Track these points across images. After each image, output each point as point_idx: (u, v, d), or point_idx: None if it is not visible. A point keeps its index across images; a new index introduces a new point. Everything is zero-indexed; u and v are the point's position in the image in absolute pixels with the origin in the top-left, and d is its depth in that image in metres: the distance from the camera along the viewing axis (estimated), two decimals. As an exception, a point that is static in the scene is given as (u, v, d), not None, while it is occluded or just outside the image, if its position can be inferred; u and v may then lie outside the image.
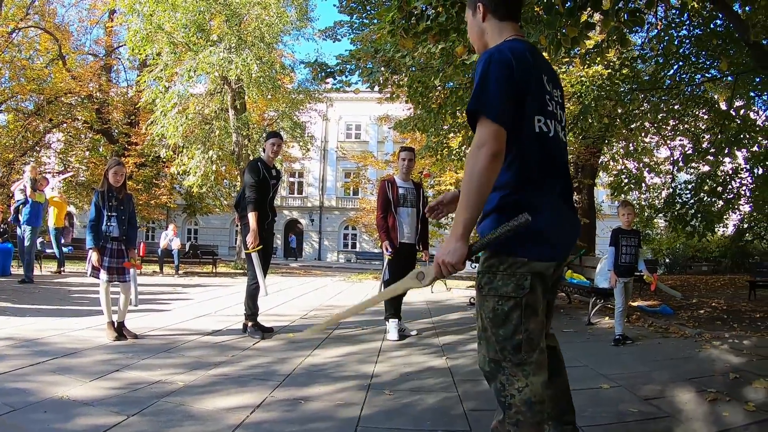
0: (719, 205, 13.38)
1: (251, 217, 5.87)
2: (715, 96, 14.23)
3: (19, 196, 10.45)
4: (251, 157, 17.25)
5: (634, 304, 9.36)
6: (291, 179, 45.36)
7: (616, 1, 6.19)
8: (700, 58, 11.31)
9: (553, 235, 2.13)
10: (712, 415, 3.47)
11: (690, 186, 13.83)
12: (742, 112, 13.07)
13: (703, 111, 13.85)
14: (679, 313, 8.75)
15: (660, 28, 10.53)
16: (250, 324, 6.08)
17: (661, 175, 18.30)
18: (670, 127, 14.81)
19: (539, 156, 2.12)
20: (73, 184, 26.18)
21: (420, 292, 12.22)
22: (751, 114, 13.69)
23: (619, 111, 12.15)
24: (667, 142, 15.78)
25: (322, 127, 41.96)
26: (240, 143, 19.63)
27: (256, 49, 18.29)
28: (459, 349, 5.67)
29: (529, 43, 2.24)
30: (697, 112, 13.99)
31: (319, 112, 28.69)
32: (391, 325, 6.15)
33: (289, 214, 44.95)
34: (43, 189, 11.11)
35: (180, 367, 4.37)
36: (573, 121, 11.56)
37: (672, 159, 15.64)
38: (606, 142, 15.04)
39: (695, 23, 10.75)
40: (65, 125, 26.16)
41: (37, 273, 12.39)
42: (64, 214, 14.02)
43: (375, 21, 11.70)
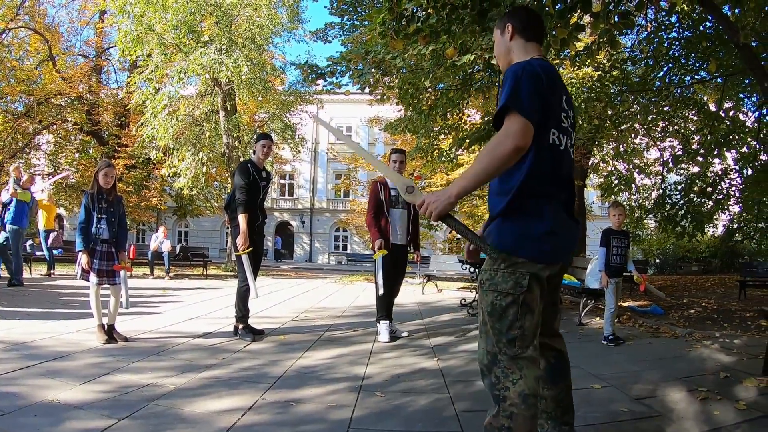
0: (709, 206, 13.45)
1: (241, 219, 5.85)
2: (705, 97, 14.31)
3: (5, 197, 10.34)
4: (242, 159, 17.19)
5: (625, 304, 9.40)
6: (282, 181, 45.27)
7: (607, 3, 6.22)
8: (690, 60, 11.39)
9: (554, 240, 2.30)
10: (703, 414, 3.50)
11: (680, 187, 13.91)
12: (731, 113, 13.16)
13: (693, 112, 13.93)
14: (669, 313, 8.79)
15: (650, 31, 10.60)
16: (241, 326, 6.06)
17: (651, 176, 18.37)
18: (659, 129, 14.89)
19: (549, 166, 2.30)
20: (63, 186, 26.04)
21: (412, 293, 12.24)
22: (740, 115, 13.78)
23: (609, 112, 12.20)
24: (657, 143, 15.86)
25: (313, 129, 41.90)
26: (230, 145, 19.56)
27: (247, 50, 18.23)
28: (450, 351, 5.68)
29: (551, 64, 2.46)
30: (686, 114, 14.07)
31: (310, 114, 28.60)
32: (383, 326, 6.14)
33: (280, 216, 44.86)
34: (29, 188, 10.97)
35: (171, 370, 4.35)
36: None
37: (662, 160, 15.72)
38: (596, 143, 15.08)
39: (685, 25, 10.82)
40: (55, 127, 25.95)
41: (26, 275, 12.31)
42: (54, 216, 13.95)
43: (366, 23, 11.71)
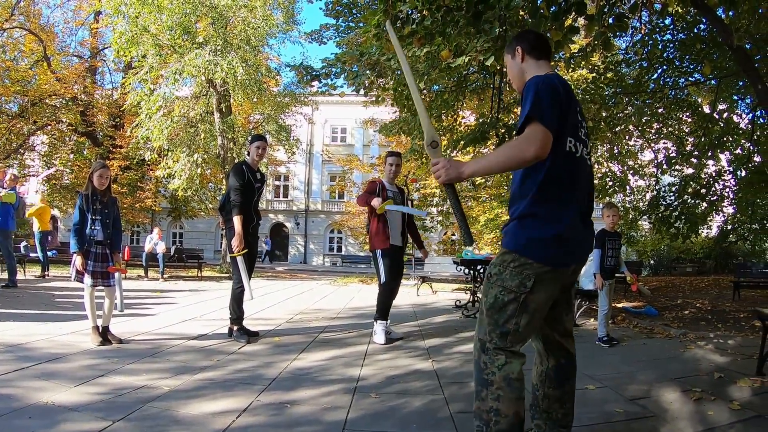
0: (703, 207, 13.51)
1: (236, 220, 5.84)
2: (699, 99, 14.37)
3: None
4: (236, 161, 17.18)
5: (619, 305, 9.42)
6: (276, 182, 45.16)
7: (601, 6, 6.24)
8: (684, 62, 11.43)
9: (564, 244, 2.40)
10: (697, 414, 3.51)
11: (674, 188, 13.96)
12: (725, 115, 13.20)
13: (687, 114, 13.97)
14: (663, 314, 8.82)
15: (644, 33, 10.64)
16: (235, 328, 6.05)
17: (645, 177, 18.42)
18: (654, 131, 14.90)
19: (565, 172, 2.41)
20: (57, 187, 25.98)
21: (407, 295, 12.24)
22: (734, 117, 13.82)
23: (604, 114, 12.23)
24: (651, 145, 15.88)
25: (308, 131, 41.86)
26: (225, 146, 19.53)
27: (242, 51, 18.21)
28: (445, 352, 5.68)
29: (564, 79, 2.57)
30: (680, 116, 14.10)
31: (305, 116, 28.63)
32: (379, 327, 6.08)
33: (275, 218, 44.77)
34: (15, 188, 10.83)
35: (165, 372, 4.34)
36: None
37: (656, 162, 15.73)
38: (590, 145, 15.12)
39: (679, 28, 10.87)
40: (49, 127, 25.81)
41: (21, 277, 12.28)
42: (49, 217, 13.92)
43: (361, 24, 11.71)
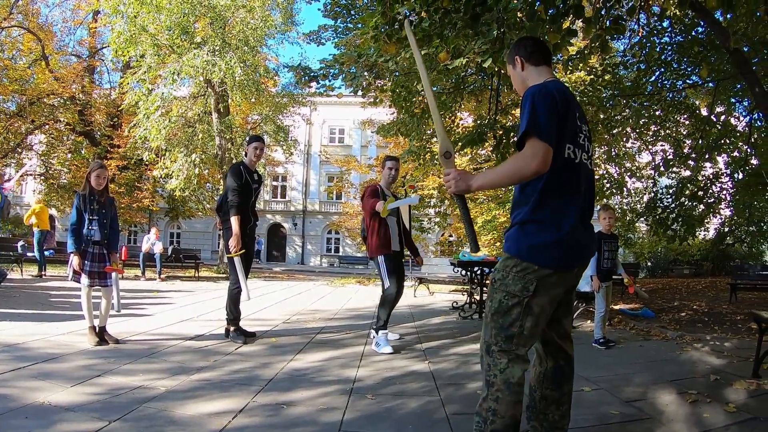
0: (700, 209, 13.53)
1: (234, 221, 5.84)
2: (696, 102, 14.39)
3: None
4: (234, 161, 17.19)
5: (616, 307, 9.44)
6: (274, 183, 45.09)
7: (599, 8, 6.25)
8: (682, 64, 11.45)
9: (565, 249, 2.45)
10: (693, 417, 3.52)
11: (671, 190, 13.99)
12: (722, 117, 13.24)
13: (685, 117, 13.98)
14: (660, 316, 8.84)
15: (642, 35, 10.64)
16: (232, 328, 6.05)
17: (643, 179, 18.44)
18: (651, 133, 14.91)
19: (565, 178, 2.45)
20: (54, 187, 25.95)
21: (404, 296, 12.20)
22: (732, 120, 13.86)
23: (601, 116, 12.24)
24: (649, 147, 15.88)
25: (306, 131, 41.79)
26: (223, 147, 19.53)
27: (240, 52, 18.20)
28: (441, 354, 5.69)
29: (564, 84, 2.66)
30: (678, 118, 14.11)
31: (303, 116, 28.57)
32: (382, 337, 5.79)
33: (272, 218, 44.73)
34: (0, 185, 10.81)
35: (162, 372, 4.34)
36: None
37: (653, 164, 15.76)
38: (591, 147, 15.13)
39: (677, 30, 10.88)
40: (47, 127, 25.74)
41: (17, 277, 12.28)
42: (47, 217, 13.93)
43: (359, 26, 11.71)
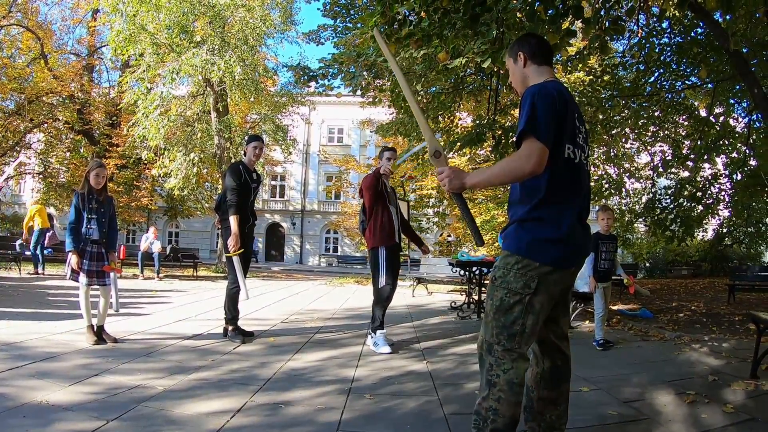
0: (699, 210, 13.53)
1: (233, 220, 5.83)
2: (695, 103, 14.37)
3: None
4: (233, 160, 17.18)
5: (615, 308, 9.44)
6: (273, 182, 45.08)
7: (598, 9, 6.25)
8: (681, 65, 11.44)
9: (566, 247, 2.48)
10: (691, 417, 3.52)
11: (670, 191, 13.99)
12: (721, 118, 13.23)
13: (683, 118, 13.98)
14: (658, 317, 8.85)
15: (641, 36, 10.64)
16: (230, 328, 6.04)
17: (642, 180, 18.45)
18: (650, 134, 14.92)
19: (565, 178, 2.48)
20: (53, 186, 25.93)
21: (402, 296, 12.25)
22: (731, 121, 13.86)
23: (600, 117, 12.24)
24: (648, 147, 15.91)
25: (305, 131, 41.84)
26: (222, 146, 19.52)
27: (240, 51, 18.19)
28: (440, 354, 5.69)
29: (563, 84, 2.68)
30: (677, 119, 14.12)
31: (302, 116, 28.59)
32: (380, 337, 5.74)
33: (271, 218, 44.72)
34: None
35: (160, 372, 4.33)
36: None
37: (652, 164, 15.77)
38: (588, 148, 15.13)
39: (676, 31, 10.88)
40: (46, 125, 25.72)
41: (16, 275, 12.28)
42: (46, 214, 13.97)
43: (358, 25, 11.71)
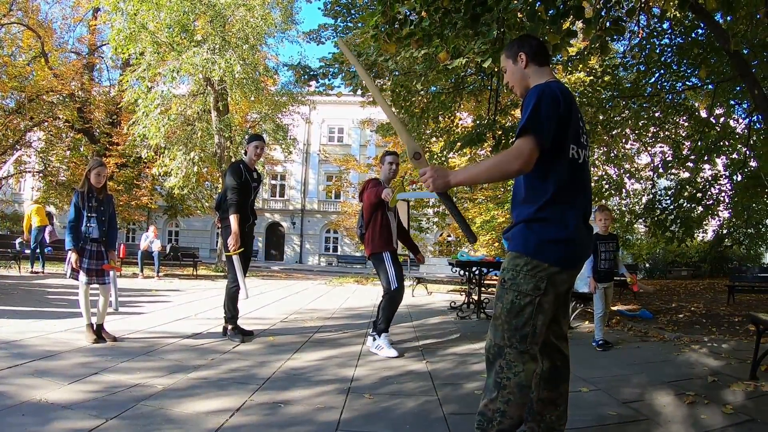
0: (699, 211, 13.54)
1: (233, 219, 5.83)
2: (696, 104, 14.39)
3: None
4: (233, 159, 17.20)
5: (614, 308, 9.44)
6: (273, 182, 45.04)
7: (599, 9, 6.25)
8: (681, 66, 11.46)
9: (573, 247, 2.50)
10: (690, 418, 3.52)
11: (670, 192, 14.00)
12: (721, 119, 13.25)
13: (684, 118, 14.00)
14: (658, 317, 8.84)
15: (642, 37, 10.65)
16: (230, 327, 6.04)
17: (642, 181, 18.45)
18: (650, 134, 14.93)
19: (570, 177, 2.49)
20: (53, 184, 25.94)
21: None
22: (731, 122, 13.87)
23: (601, 117, 12.25)
24: (648, 148, 15.92)
25: (305, 130, 41.85)
26: (222, 145, 19.54)
27: (240, 50, 18.22)
28: (439, 353, 5.69)
29: (565, 86, 2.65)
30: (677, 120, 14.14)
31: (302, 115, 28.61)
32: (384, 341, 5.62)
33: (271, 217, 44.73)
34: None
35: (159, 371, 4.33)
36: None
37: (652, 165, 15.79)
38: (588, 148, 15.13)
39: (677, 32, 10.89)
40: (46, 124, 25.74)
41: (15, 274, 12.28)
42: (44, 212, 13.98)
43: (359, 25, 11.71)
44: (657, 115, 13.12)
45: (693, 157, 12.88)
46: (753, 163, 12.73)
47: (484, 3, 5.50)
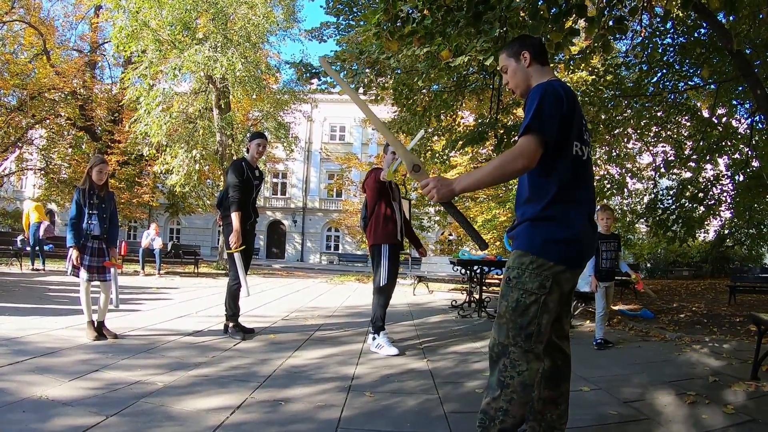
0: (700, 211, 13.52)
1: (234, 217, 5.83)
2: (698, 104, 14.37)
3: None
4: (235, 157, 17.20)
5: (615, 308, 9.43)
6: (274, 180, 45.08)
7: (601, 8, 6.24)
8: (684, 66, 11.44)
9: (578, 246, 2.51)
10: (691, 418, 3.51)
11: (672, 192, 13.98)
12: (724, 119, 13.24)
13: (686, 118, 13.96)
14: (659, 317, 8.84)
15: (644, 36, 10.62)
16: (231, 325, 6.04)
17: (644, 180, 18.40)
18: (652, 134, 14.88)
19: (574, 175, 2.50)
20: (55, 181, 25.96)
21: (403, 295, 12.25)
22: (733, 122, 13.85)
23: (603, 117, 12.22)
24: (650, 148, 15.87)
25: (307, 128, 41.84)
26: (224, 143, 19.54)
27: (242, 48, 18.24)
28: (440, 352, 5.68)
29: (567, 85, 2.66)
30: (679, 119, 14.10)
31: (304, 113, 28.60)
32: (383, 339, 5.60)
33: (272, 215, 44.76)
34: None
35: (160, 368, 4.33)
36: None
37: (654, 165, 15.76)
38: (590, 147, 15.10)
39: (679, 32, 10.87)
40: (48, 121, 25.74)
41: (17, 271, 12.29)
42: (43, 210, 14.00)
43: (361, 23, 11.71)
44: (659, 114, 13.08)
45: (695, 156, 12.87)
46: (755, 164, 12.71)
47: (486, 1, 5.49)
